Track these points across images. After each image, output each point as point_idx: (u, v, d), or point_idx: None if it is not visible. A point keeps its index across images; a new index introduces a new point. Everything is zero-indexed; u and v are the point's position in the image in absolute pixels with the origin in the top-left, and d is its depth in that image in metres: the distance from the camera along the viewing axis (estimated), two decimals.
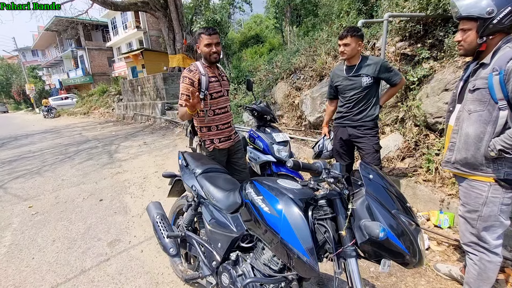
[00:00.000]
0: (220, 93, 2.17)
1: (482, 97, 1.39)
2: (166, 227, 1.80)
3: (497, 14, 1.29)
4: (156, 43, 21.16)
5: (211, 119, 2.16)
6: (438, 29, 3.33)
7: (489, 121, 1.38)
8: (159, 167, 5.17)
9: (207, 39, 2.00)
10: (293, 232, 1.09)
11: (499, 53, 1.35)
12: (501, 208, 1.43)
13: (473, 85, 1.43)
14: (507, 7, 1.26)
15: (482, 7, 1.31)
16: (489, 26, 1.32)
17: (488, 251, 1.52)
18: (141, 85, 13.43)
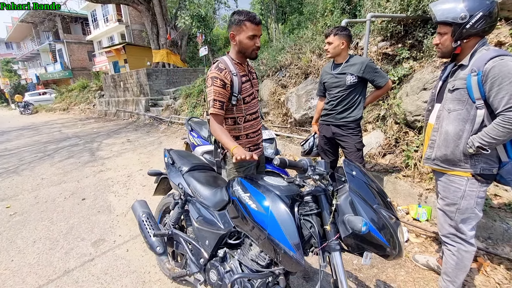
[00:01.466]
0: (252, 96, 1.75)
1: (461, 96, 1.44)
2: (152, 226, 1.79)
3: (470, 19, 1.35)
4: (139, 37, 20.59)
5: (241, 127, 1.74)
6: (417, 30, 3.46)
7: (467, 119, 1.44)
8: (143, 165, 5.08)
9: (253, 29, 1.55)
10: (280, 228, 1.12)
11: (476, 55, 1.41)
12: (477, 201, 1.52)
13: (452, 85, 1.48)
14: (479, 13, 1.33)
15: (456, 13, 1.37)
16: (463, 30, 1.39)
17: (465, 241, 1.60)
18: (123, 81, 13.06)
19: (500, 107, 1.31)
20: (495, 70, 1.30)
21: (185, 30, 12.50)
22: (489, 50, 1.39)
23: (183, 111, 8.98)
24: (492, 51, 1.37)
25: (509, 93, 1.27)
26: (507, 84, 1.27)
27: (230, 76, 1.60)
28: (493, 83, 1.31)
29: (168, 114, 9.62)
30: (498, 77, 1.29)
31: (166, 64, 13.20)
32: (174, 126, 8.59)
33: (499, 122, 1.32)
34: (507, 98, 1.28)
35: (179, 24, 7.56)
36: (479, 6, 1.34)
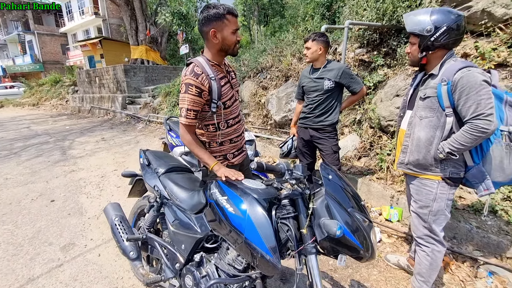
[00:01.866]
0: (233, 98, 1.61)
1: (432, 104, 1.51)
2: (125, 230, 1.73)
3: (435, 32, 1.44)
4: (117, 32, 19.85)
5: (224, 132, 1.62)
6: (392, 38, 3.62)
7: (438, 126, 1.51)
8: (118, 165, 4.90)
9: (235, 22, 1.44)
10: (257, 231, 1.13)
11: (445, 66, 1.48)
12: (447, 203, 1.61)
13: (423, 93, 1.55)
14: (443, 26, 1.42)
15: (423, 26, 1.46)
16: (428, 42, 1.47)
17: (438, 242, 1.68)
18: (99, 76, 12.52)
19: (468, 115, 1.38)
20: (463, 80, 1.37)
21: (165, 27, 12.21)
22: (457, 61, 1.47)
23: (162, 110, 8.77)
24: (460, 63, 1.44)
25: (475, 102, 1.35)
26: (474, 94, 1.35)
27: (208, 81, 1.43)
28: (462, 93, 1.38)
29: (146, 113, 9.34)
30: (466, 87, 1.36)
31: (145, 61, 12.83)
32: (152, 125, 8.37)
33: (466, 129, 1.39)
34: (474, 107, 1.36)
35: (159, 21, 7.37)
36: (444, 20, 1.42)
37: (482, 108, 1.34)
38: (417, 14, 1.51)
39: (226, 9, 1.38)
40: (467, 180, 1.56)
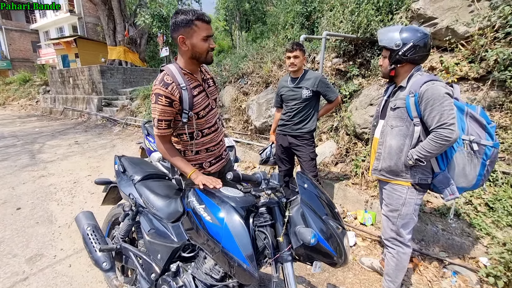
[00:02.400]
0: (208, 108, 1.56)
1: (401, 114, 1.62)
2: (98, 239, 1.66)
3: (402, 48, 1.57)
4: (94, 31, 19.11)
5: (199, 142, 1.59)
6: (366, 50, 3.80)
7: (407, 134, 1.62)
8: (93, 170, 4.70)
9: (206, 29, 1.37)
10: (234, 240, 1.13)
11: (413, 79, 1.61)
12: (415, 207, 1.71)
13: (394, 104, 1.67)
14: (410, 43, 1.55)
15: (392, 41, 1.59)
16: (396, 56, 1.60)
17: (403, 244, 1.78)
18: (73, 77, 11.98)
19: (433, 125, 1.50)
20: (428, 93, 1.49)
21: (145, 29, 11.97)
22: (423, 75, 1.59)
23: (140, 113, 8.54)
24: (425, 76, 1.56)
25: (439, 112, 1.47)
26: (437, 105, 1.47)
27: (178, 91, 1.39)
28: (427, 104, 1.49)
29: (123, 115, 9.05)
30: (431, 99, 1.48)
31: (123, 62, 12.46)
32: (130, 128, 8.12)
33: (432, 137, 1.50)
34: (438, 117, 1.47)
35: (138, 22, 7.20)
36: (411, 37, 1.55)
37: (445, 118, 1.45)
38: (389, 30, 1.64)
39: (195, 14, 1.33)
40: (434, 185, 1.67)
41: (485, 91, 2.70)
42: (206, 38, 1.39)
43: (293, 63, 2.43)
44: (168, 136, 1.51)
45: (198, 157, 1.65)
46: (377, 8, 3.62)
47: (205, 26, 1.37)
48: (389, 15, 3.58)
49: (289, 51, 2.43)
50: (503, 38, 2.60)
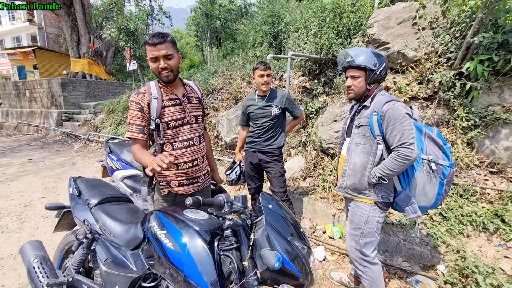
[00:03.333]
0: (182, 121, 1.60)
1: (365, 132, 1.67)
2: (47, 272, 1.50)
3: (379, 67, 1.64)
4: (55, 42, 18.14)
5: (168, 154, 1.56)
6: (329, 70, 4.03)
7: (370, 152, 1.66)
8: (48, 191, 4.31)
9: (151, 50, 1.46)
10: (197, 267, 1.08)
11: (376, 98, 1.67)
12: (377, 225, 1.73)
13: (358, 122, 1.71)
14: (383, 63, 1.65)
15: (371, 60, 1.63)
16: (374, 76, 1.65)
17: (369, 263, 1.78)
18: (30, 89, 11.15)
19: (394, 143, 1.55)
20: (389, 112, 1.55)
21: (111, 41, 11.62)
22: (384, 95, 1.67)
23: (105, 128, 8.11)
24: (386, 96, 1.64)
25: (400, 132, 1.52)
26: (398, 125, 1.53)
27: (148, 99, 1.52)
28: (388, 123, 1.55)
29: (86, 131, 8.53)
30: (392, 118, 1.54)
31: (88, 75, 11.89)
32: (93, 144, 7.65)
33: (393, 156, 1.55)
34: (399, 136, 1.53)
35: (104, 35, 6.97)
36: (383, 58, 1.66)
37: (405, 137, 1.51)
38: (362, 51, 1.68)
39: (147, 38, 1.47)
40: (397, 204, 1.71)
41: (433, 109, 2.98)
42: (153, 59, 1.49)
43: (266, 82, 2.48)
44: (138, 140, 1.56)
45: (166, 174, 1.63)
46: (337, 32, 3.89)
47: (150, 48, 1.46)
48: (348, 39, 3.85)
49: (262, 70, 2.46)
50: (445, 62, 2.91)
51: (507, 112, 2.59)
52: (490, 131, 2.66)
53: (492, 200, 2.52)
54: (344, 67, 1.74)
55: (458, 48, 2.82)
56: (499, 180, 2.61)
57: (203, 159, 1.74)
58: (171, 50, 1.49)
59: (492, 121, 2.63)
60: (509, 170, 2.56)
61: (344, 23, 3.85)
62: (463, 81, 2.75)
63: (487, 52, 2.61)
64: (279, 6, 6.11)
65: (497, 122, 2.61)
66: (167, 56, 1.48)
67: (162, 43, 1.46)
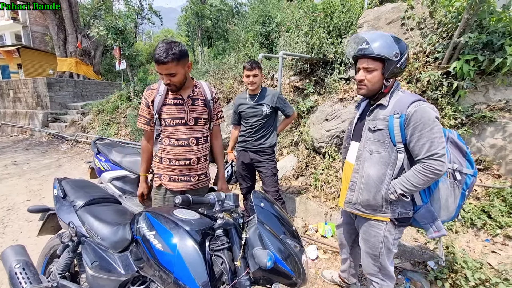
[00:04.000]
0: (179, 121, 1.66)
1: (383, 138, 1.37)
2: (30, 278, 1.44)
3: (400, 58, 1.31)
4: (41, 41, 17.64)
5: (165, 148, 1.70)
6: (320, 69, 4.06)
7: (389, 163, 1.38)
8: (32, 194, 4.17)
9: (158, 68, 1.54)
10: (187, 268, 1.06)
11: (395, 97, 1.38)
12: (394, 242, 1.51)
13: (373, 125, 1.41)
14: (405, 54, 1.32)
15: (391, 50, 1.30)
16: (394, 69, 1.33)
17: (388, 277, 1.61)
18: (14, 89, 10.80)
19: (421, 154, 1.29)
20: (417, 115, 1.27)
21: (100, 40, 11.39)
22: (405, 93, 1.39)
23: (93, 129, 7.93)
24: (410, 95, 1.36)
25: (429, 140, 1.26)
26: (427, 131, 1.26)
27: (154, 95, 1.67)
28: (415, 129, 1.28)
29: (73, 132, 8.32)
30: (420, 123, 1.27)
31: (75, 74, 11.62)
32: (80, 145, 7.46)
33: (420, 169, 1.29)
34: (428, 146, 1.26)
35: (91, 34, 6.82)
36: (404, 46, 1.33)
37: (435, 147, 1.26)
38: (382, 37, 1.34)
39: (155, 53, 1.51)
40: (415, 220, 1.46)
41: None
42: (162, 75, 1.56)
43: (252, 82, 2.47)
44: (146, 132, 1.78)
45: (159, 166, 1.76)
46: (328, 32, 3.92)
47: (157, 66, 1.53)
48: (339, 39, 3.89)
49: (248, 70, 2.44)
50: (433, 62, 2.97)
51: (492, 111, 2.65)
52: (476, 129, 2.72)
53: (479, 196, 2.58)
54: (356, 56, 1.41)
55: (445, 48, 2.88)
56: (485, 177, 2.67)
57: (198, 161, 1.76)
58: (174, 69, 1.52)
59: (478, 119, 2.69)
60: (494, 167, 2.62)
61: (335, 23, 3.88)
62: (450, 80, 2.81)
63: (472, 52, 2.68)
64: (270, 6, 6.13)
65: (483, 120, 2.67)
66: (170, 74, 1.54)
67: (165, 64, 1.50)
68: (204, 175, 1.85)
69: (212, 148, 1.96)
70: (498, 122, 2.60)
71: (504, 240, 2.29)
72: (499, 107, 2.65)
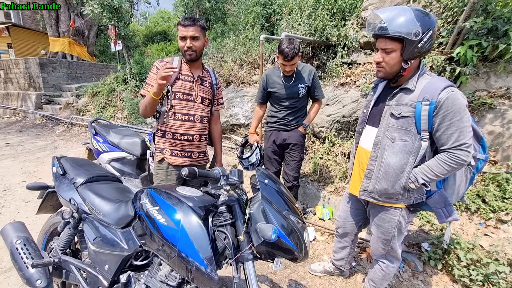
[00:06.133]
0: (189, 97, 1.76)
1: (408, 126, 1.31)
2: (32, 253, 1.44)
3: (422, 37, 1.20)
4: (32, 19, 16.96)
5: (169, 122, 1.76)
6: (322, 53, 3.98)
7: (412, 151, 1.33)
8: (28, 175, 4.14)
9: (181, 30, 1.66)
10: (191, 242, 1.07)
11: (423, 81, 1.29)
12: (406, 226, 1.54)
13: (398, 111, 1.33)
14: (430, 31, 1.20)
15: (409, 28, 1.19)
16: (415, 49, 1.22)
17: (395, 258, 1.66)
18: (5, 70, 10.49)
19: (448, 144, 1.24)
20: (448, 102, 1.20)
21: (94, 20, 11.00)
22: (433, 76, 1.31)
23: (88, 112, 7.80)
24: (440, 79, 1.27)
25: (458, 129, 1.20)
26: (457, 120, 1.20)
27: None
28: (445, 117, 1.22)
29: (68, 114, 8.17)
30: (451, 111, 1.20)
31: (68, 55, 11.29)
32: (76, 128, 7.36)
33: (445, 159, 1.25)
34: (457, 135, 1.21)
35: (85, 12, 6.55)
36: (429, 22, 1.20)
37: (463, 137, 1.21)
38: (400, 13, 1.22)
39: (180, 19, 1.67)
40: (426, 204, 1.45)
41: None
42: (182, 38, 1.67)
43: (290, 70, 2.24)
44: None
45: (162, 140, 1.81)
46: (332, 14, 3.81)
47: (181, 28, 1.66)
48: (342, 21, 3.80)
49: (286, 60, 2.14)
50: (437, 47, 2.93)
51: (492, 98, 2.65)
52: (476, 116, 2.73)
53: (475, 181, 2.62)
54: (375, 35, 1.31)
55: (450, 33, 2.83)
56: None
57: (200, 138, 1.86)
58: (198, 33, 1.66)
59: (478, 106, 2.69)
60: (491, 153, 2.65)
61: (339, 5, 3.77)
62: (453, 66, 2.79)
63: (477, 37, 2.64)
64: None
65: (483, 107, 2.68)
66: (194, 37, 1.66)
67: (192, 26, 1.64)
68: (203, 154, 1.96)
69: (211, 132, 2.05)
70: (497, 109, 2.61)
71: (497, 223, 2.35)
72: (499, 94, 2.65)
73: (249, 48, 4.98)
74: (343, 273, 2.17)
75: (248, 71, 4.76)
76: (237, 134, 4.50)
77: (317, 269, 2.22)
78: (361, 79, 3.42)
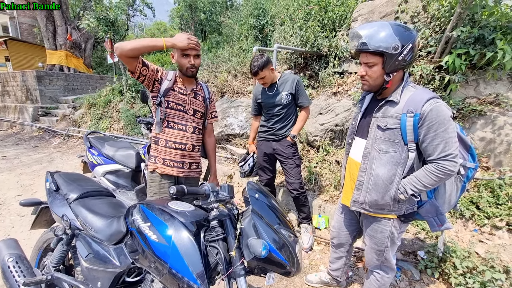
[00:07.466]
0: (181, 108, 1.81)
1: (395, 137, 1.33)
2: (24, 271, 1.43)
3: (402, 50, 1.24)
4: (30, 33, 17.12)
5: (163, 131, 1.80)
6: (314, 63, 4.05)
7: (399, 162, 1.35)
8: (24, 189, 4.11)
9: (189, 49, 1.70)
10: (183, 259, 1.06)
11: (406, 93, 1.32)
12: (399, 236, 1.54)
13: (384, 123, 1.36)
14: (409, 44, 1.24)
15: (389, 42, 1.23)
16: (395, 62, 1.26)
17: (390, 269, 1.66)
18: (2, 82, 10.54)
19: (434, 155, 1.26)
20: (432, 114, 1.23)
21: (90, 33, 11.13)
22: (418, 89, 1.33)
23: (85, 123, 7.81)
24: (424, 91, 1.30)
25: (444, 140, 1.23)
26: (442, 131, 1.22)
27: (164, 77, 1.79)
28: (430, 128, 1.24)
29: (64, 126, 8.18)
30: (435, 122, 1.22)
31: (65, 67, 11.37)
32: (72, 140, 7.35)
33: (432, 170, 1.27)
34: (442, 146, 1.23)
35: (82, 25, 6.64)
36: (408, 36, 1.24)
37: (449, 148, 1.23)
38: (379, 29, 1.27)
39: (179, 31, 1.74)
40: (418, 214, 1.48)
41: None
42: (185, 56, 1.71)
43: (264, 83, 2.39)
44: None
45: (157, 147, 1.83)
46: (323, 25, 3.91)
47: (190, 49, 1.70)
48: (333, 32, 3.88)
49: (254, 75, 2.33)
50: (425, 56, 3.00)
51: (482, 104, 2.70)
52: (466, 123, 2.77)
53: (468, 188, 2.64)
54: (357, 50, 1.36)
55: (438, 42, 2.90)
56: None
57: (193, 148, 1.89)
58: (199, 52, 1.77)
59: (469, 112, 2.73)
60: (484, 160, 2.68)
61: (329, 17, 3.87)
62: (442, 74, 2.85)
63: (464, 46, 2.71)
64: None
65: (473, 114, 2.72)
66: (197, 55, 1.74)
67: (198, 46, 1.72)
68: (196, 165, 1.98)
69: (204, 145, 2.10)
70: (488, 115, 2.65)
71: (491, 230, 2.36)
72: (489, 100, 2.70)
73: (243, 58, 5.06)
74: (339, 284, 2.16)
75: (242, 81, 4.82)
76: (232, 144, 4.52)
77: (313, 279, 2.21)
78: (352, 88, 3.47)
